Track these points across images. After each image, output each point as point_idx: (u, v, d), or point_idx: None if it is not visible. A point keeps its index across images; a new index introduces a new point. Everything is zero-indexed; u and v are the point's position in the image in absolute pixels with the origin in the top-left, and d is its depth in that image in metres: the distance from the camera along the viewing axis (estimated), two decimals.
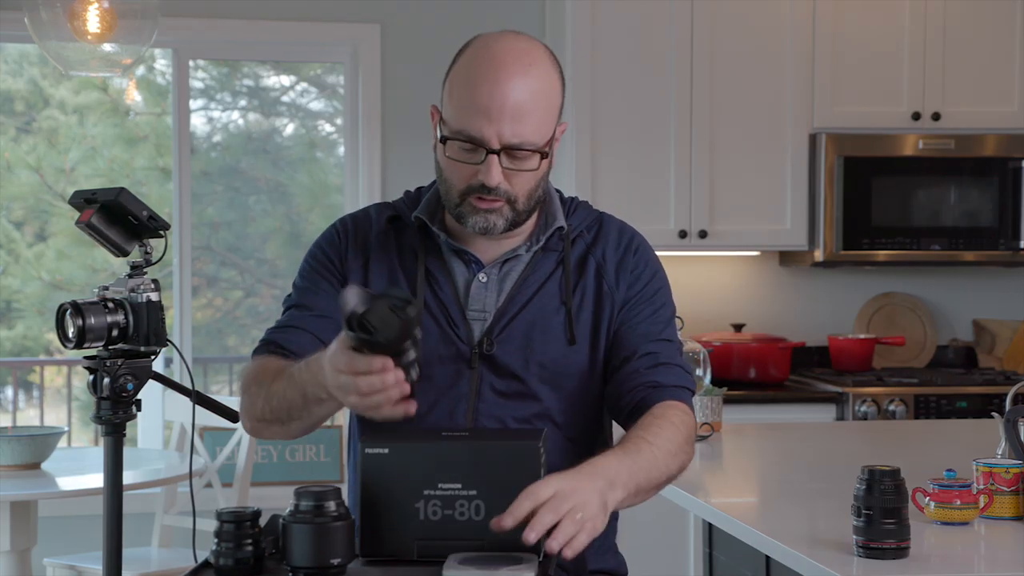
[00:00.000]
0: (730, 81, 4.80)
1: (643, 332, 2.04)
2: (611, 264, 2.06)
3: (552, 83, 1.96)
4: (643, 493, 1.85)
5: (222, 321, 7.76)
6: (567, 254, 2.05)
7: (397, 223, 2.09)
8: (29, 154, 7.90)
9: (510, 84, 1.90)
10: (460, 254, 2.05)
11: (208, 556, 1.70)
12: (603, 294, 2.05)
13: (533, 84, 1.92)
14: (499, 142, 1.91)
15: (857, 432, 3.72)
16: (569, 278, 2.04)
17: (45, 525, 4.74)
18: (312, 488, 1.66)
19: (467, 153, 1.93)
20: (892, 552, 1.95)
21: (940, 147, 4.85)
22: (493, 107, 1.89)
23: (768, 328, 5.14)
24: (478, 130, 1.90)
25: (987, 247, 4.90)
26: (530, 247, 2.05)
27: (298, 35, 5.09)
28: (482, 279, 2.03)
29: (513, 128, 1.90)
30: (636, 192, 4.74)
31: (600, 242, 2.08)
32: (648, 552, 4.44)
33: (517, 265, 2.05)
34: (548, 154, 1.97)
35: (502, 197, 1.94)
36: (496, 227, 1.96)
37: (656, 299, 2.08)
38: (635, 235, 2.12)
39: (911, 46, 4.88)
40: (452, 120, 1.94)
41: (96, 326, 1.89)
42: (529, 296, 2.02)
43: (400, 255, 2.05)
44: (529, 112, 1.91)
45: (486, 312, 2.02)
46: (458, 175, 1.95)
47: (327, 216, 6.80)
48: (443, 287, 2.02)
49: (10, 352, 7.98)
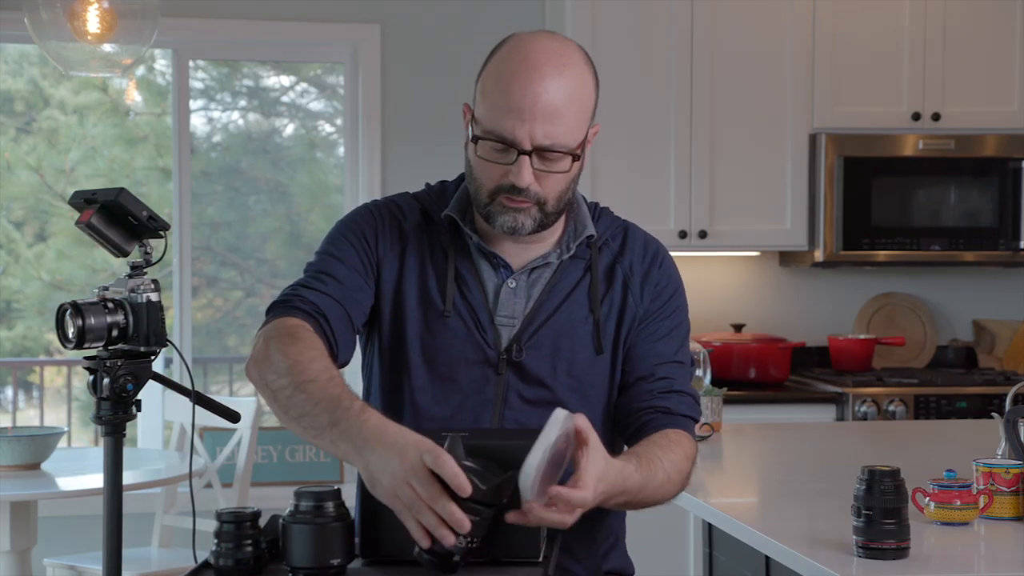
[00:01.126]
0: (730, 81, 4.80)
1: (660, 351, 2.04)
2: (638, 276, 2.05)
3: (586, 85, 1.94)
4: (632, 506, 1.87)
5: (222, 321, 7.76)
6: (595, 262, 2.04)
7: (427, 219, 2.06)
8: (29, 154, 7.89)
9: (543, 84, 1.87)
10: (489, 257, 2.02)
11: (208, 556, 1.70)
12: (627, 305, 2.04)
13: (567, 85, 1.90)
14: (531, 143, 1.88)
15: (857, 432, 3.72)
16: (597, 287, 2.02)
17: (45, 525, 4.74)
18: (312, 488, 1.66)
19: (498, 153, 1.91)
20: (892, 552, 1.95)
21: (940, 147, 4.85)
22: (525, 107, 1.87)
23: (768, 328, 5.14)
24: (510, 131, 1.88)
25: (987, 247, 4.90)
26: (560, 254, 2.03)
27: (298, 35, 5.09)
28: (511, 285, 2.01)
29: (545, 129, 1.88)
30: (636, 192, 4.74)
31: (627, 253, 2.07)
32: (648, 552, 4.43)
33: (546, 272, 2.03)
34: (580, 156, 1.94)
35: (531, 199, 1.92)
36: (524, 227, 1.94)
37: (675, 316, 2.07)
38: (660, 247, 2.11)
39: (911, 46, 4.88)
40: (484, 120, 1.91)
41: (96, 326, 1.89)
42: (557, 304, 2.01)
43: (432, 253, 2.03)
44: (562, 114, 1.89)
45: (514, 318, 2.00)
46: (488, 175, 1.93)
47: (327, 216, 6.80)
48: (472, 290, 2.00)
49: (10, 352, 7.98)
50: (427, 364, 1.99)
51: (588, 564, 2.05)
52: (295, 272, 6.81)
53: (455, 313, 1.98)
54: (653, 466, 1.86)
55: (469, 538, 1.62)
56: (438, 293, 1.99)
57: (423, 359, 1.99)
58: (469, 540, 1.62)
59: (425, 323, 1.99)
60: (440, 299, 1.99)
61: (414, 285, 2.01)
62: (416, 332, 1.99)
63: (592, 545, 2.05)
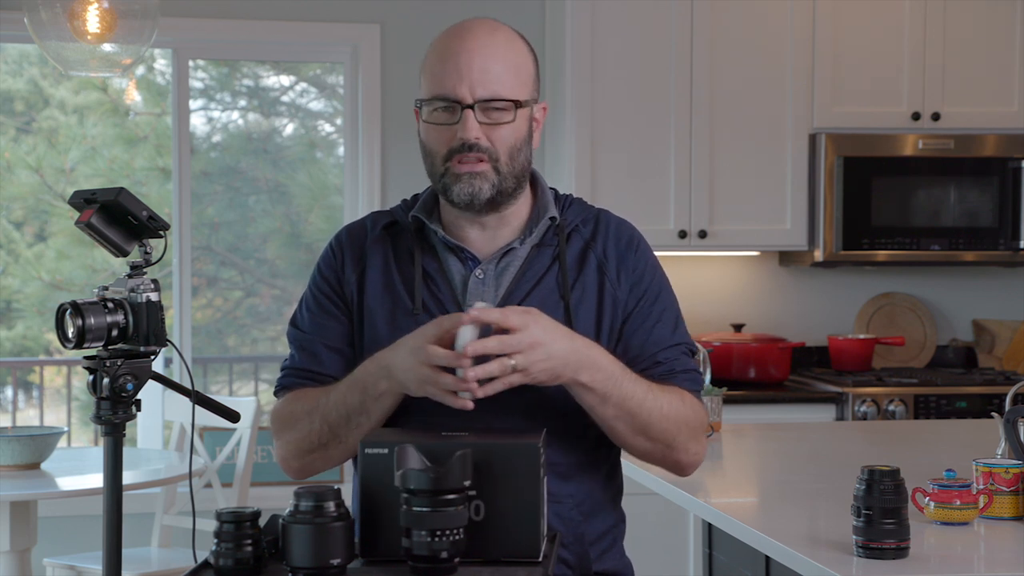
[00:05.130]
0: (730, 81, 4.80)
1: (657, 338, 2.06)
2: (612, 261, 2.07)
3: (519, 48, 2.06)
4: (615, 410, 1.94)
5: (222, 321, 7.76)
6: (563, 248, 2.07)
7: (394, 228, 2.12)
8: (29, 154, 7.89)
9: (476, 42, 2.01)
10: (456, 252, 2.07)
11: (208, 556, 1.70)
12: (605, 290, 2.05)
13: (499, 44, 2.03)
14: (472, 97, 1.99)
15: (857, 432, 3.72)
16: (566, 273, 2.05)
17: (45, 525, 4.74)
18: (312, 488, 1.66)
19: (444, 114, 2.01)
20: (892, 552, 1.95)
21: (940, 147, 4.85)
22: (462, 65, 1.99)
23: (768, 328, 5.14)
24: (451, 88, 1.99)
25: (987, 247, 4.89)
26: (523, 239, 2.07)
27: (298, 35, 5.09)
28: (479, 275, 2.05)
29: (483, 82, 1.99)
30: (636, 192, 4.74)
31: (599, 237, 2.09)
32: (648, 552, 4.44)
33: (514, 261, 2.06)
34: (523, 106, 2.02)
35: (484, 155, 1.99)
36: (482, 192, 2.00)
37: (662, 298, 2.10)
38: (634, 232, 2.14)
39: (911, 46, 4.88)
40: (426, 90, 2.04)
41: (96, 326, 1.89)
42: (527, 291, 2.03)
43: (397, 259, 2.08)
44: (497, 67, 2.00)
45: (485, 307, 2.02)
46: (438, 140, 2.02)
47: (327, 216, 6.80)
48: (440, 286, 2.05)
49: (10, 352, 7.98)
50: None
51: (576, 561, 2.03)
52: (295, 272, 6.81)
53: (424, 310, 2.03)
54: (641, 379, 1.97)
55: (452, 532, 1.63)
56: (406, 294, 2.05)
57: None
58: (453, 532, 1.63)
59: (396, 324, 2.03)
60: (409, 299, 2.04)
61: (381, 291, 2.06)
62: (388, 334, 2.02)
63: (581, 544, 2.03)
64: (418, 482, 1.63)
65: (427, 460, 1.67)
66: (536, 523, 1.73)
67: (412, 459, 1.66)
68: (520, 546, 1.72)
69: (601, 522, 2.07)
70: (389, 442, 1.74)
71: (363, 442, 1.75)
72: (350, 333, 2.08)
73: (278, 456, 2.08)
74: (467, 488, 1.66)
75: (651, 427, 1.97)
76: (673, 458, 2.04)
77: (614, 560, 2.10)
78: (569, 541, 2.01)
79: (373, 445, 1.74)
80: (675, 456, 2.04)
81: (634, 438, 1.99)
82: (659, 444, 2.00)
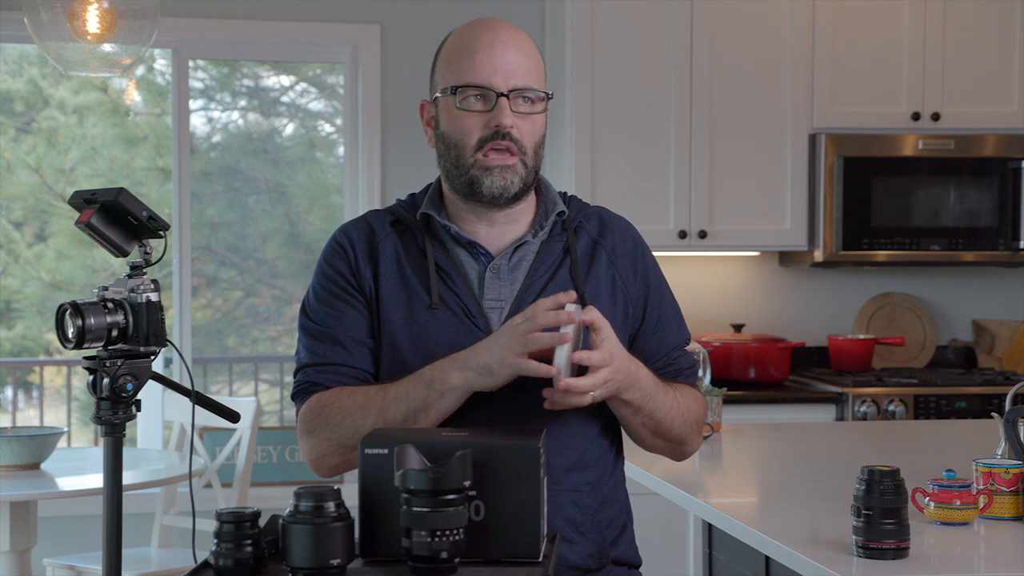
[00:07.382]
0: (730, 81, 4.80)
1: (669, 339, 2.16)
2: (622, 259, 2.13)
3: (536, 49, 2.10)
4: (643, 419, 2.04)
5: (222, 321, 7.76)
6: (572, 242, 2.10)
7: (399, 227, 2.12)
8: (29, 154, 7.90)
9: (506, 35, 2.04)
10: (467, 247, 2.09)
11: (208, 556, 1.70)
12: (616, 284, 2.11)
13: (525, 41, 2.07)
14: (506, 86, 2.01)
15: (857, 432, 3.72)
16: (578, 265, 2.09)
17: (45, 525, 4.74)
18: (312, 488, 1.66)
19: (477, 102, 2.02)
20: (892, 552, 1.95)
21: (940, 147, 4.85)
22: (496, 56, 2.02)
23: (768, 328, 5.14)
24: (485, 77, 2.01)
25: (987, 247, 4.89)
26: (535, 233, 2.09)
27: (298, 35, 5.09)
28: (494, 270, 2.07)
29: (517, 73, 2.02)
30: (636, 192, 4.74)
31: (608, 234, 2.14)
32: (648, 552, 4.43)
33: (527, 255, 2.09)
34: (551, 99, 2.07)
35: (516, 146, 2.01)
36: (512, 186, 2.03)
37: (666, 299, 2.19)
38: (636, 232, 2.20)
39: (911, 46, 4.88)
40: (453, 80, 2.04)
41: (96, 326, 1.89)
42: (544, 282, 2.07)
43: (408, 257, 2.09)
44: (527, 61, 2.04)
45: (502, 300, 2.06)
46: (468, 128, 2.03)
47: (326, 216, 6.80)
48: (455, 281, 2.06)
49: (10, 352, 7.98)
50: (423, 359, 2.01)
51: (596, 550, 2.05)
52: (295, 272, 6.81)
53: (443, 304, 2.04)
54: (665, 386, 2.06)
55: (452, 532, 1.63)
56: (422, 289, 2.05)
57: (417, 355, 2.03)
58: (453, 532, 1.63)
59: (415, 319, 2.04)
60: (425, 294, 2.05)
61: (396, 287, 2.06)
62: (407, 330, 2.04)
63: (599, 530, 2.07)
64: (418, 482, 1.63)
65: (427, 460, 1.67)
66: (536, 523, 1.73)
67: (412, 459, 1.66)
68: (520, 546, 1.72)
69: (614, 508, 2.12)
70: (389, 442, 1.74)
71: (363, 442, 1.75)
72: (371, 325, 2.07)
73: (314, 453, 2.04)
74: (467, 488, 1.66)
75: (671, 432, 2.09)
76: (680, 451, 2.17)
77: (627, 548, 2.14)
78: (587, 529, 2.05)
79: (373, 445, 1.74)
80: (682, 450, 2.17)
81: (652, 439, 2.11)
82: (673, 443, 2.13)
